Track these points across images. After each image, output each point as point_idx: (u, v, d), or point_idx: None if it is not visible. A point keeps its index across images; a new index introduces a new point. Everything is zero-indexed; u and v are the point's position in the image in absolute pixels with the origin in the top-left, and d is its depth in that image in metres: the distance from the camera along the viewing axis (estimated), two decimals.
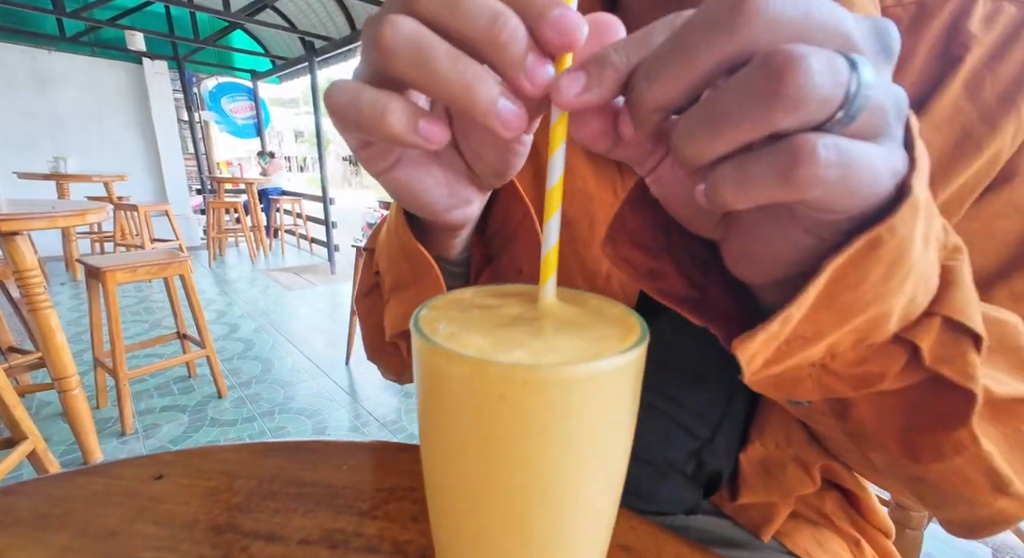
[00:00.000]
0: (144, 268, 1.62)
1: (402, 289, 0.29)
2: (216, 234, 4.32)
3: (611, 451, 0.15)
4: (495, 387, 0.13)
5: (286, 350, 2.41)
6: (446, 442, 0.15)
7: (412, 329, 0.15)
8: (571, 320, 0.16)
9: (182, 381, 2.03)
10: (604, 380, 0.13)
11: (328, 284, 3.76)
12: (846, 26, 0.12)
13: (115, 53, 4.43)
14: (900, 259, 0.14)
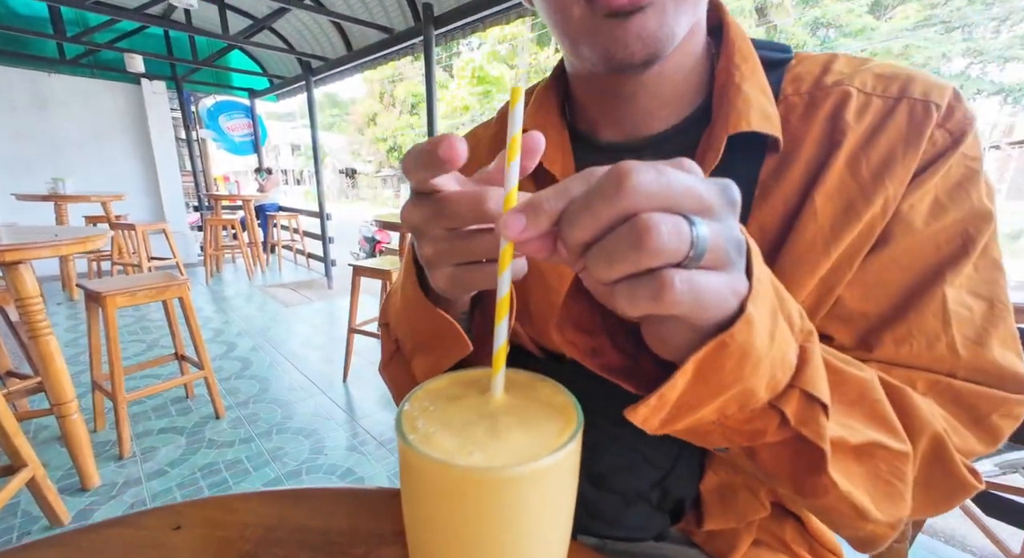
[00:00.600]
0: (144, 292, 1.64)
1: (429, 347, 0.34)
2: (213, 251, 4.35)
3: (557, 520, 0.19)
4: (457, 484, 0.17)
5: (284, 368, 2.42)
6: (421, 517, 0.19)
7: (396, 429, 0.19)
8: (520, 414, 0.20)
9: (180, 402, 2.04)
10: (544, 474, 0.17)
11: (325, 300, 3.78)
12: (697, 190, 0.17)
13: (114, 75, 4.49)
14: (746, 355, 0.19)
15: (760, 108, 0.33)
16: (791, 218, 0.33)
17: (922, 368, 0.31)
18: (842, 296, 0.33)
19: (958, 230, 0.31)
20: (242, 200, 4.58)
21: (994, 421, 0.30)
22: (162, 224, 3.67)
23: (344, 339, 2.63)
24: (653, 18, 0.29)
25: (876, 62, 0.35)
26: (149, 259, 3.82)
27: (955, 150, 0.31)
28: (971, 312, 0.31)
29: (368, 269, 2.06)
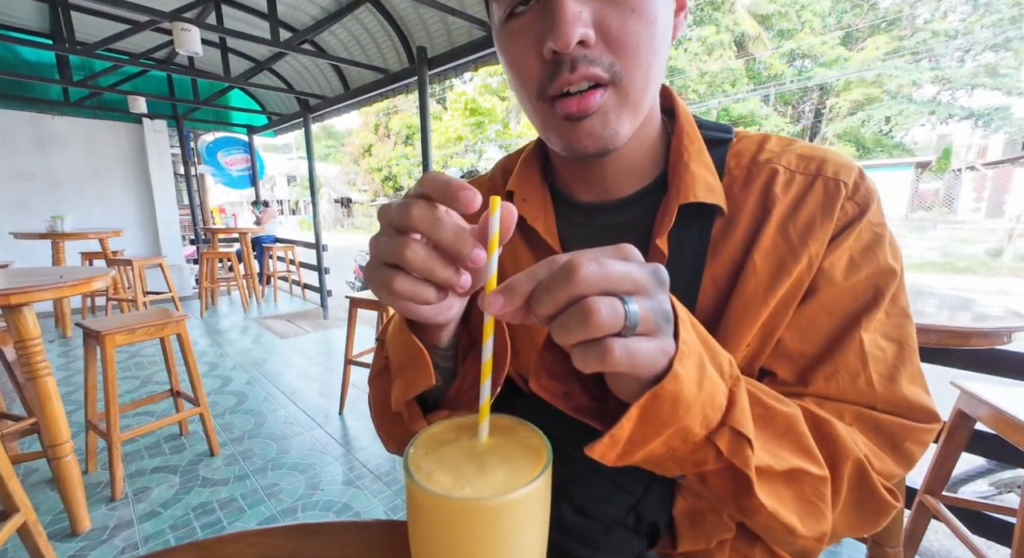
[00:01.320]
0: (142, 329, 1.66)
1: (405, 370, 0.38)
2: (209, 284, 4.36)
3: (534, 538, 0.23)
4: (452, 513, 0.22)
5: (279, 402, 2.41)
6: (424, 540, 0.23)
7: (403, 469, 0.23)
8: (501, 454, 0.25)
9: (173, 440, 2.02)
10: (520, 502, 0.22)
11: (321, 330, 3.78)
12: (631, 275, 0.22)
13: (117, 115, 4.61)
14: (677, 401, 0.24)
15: (704, 182, 0.39)
16: (737, 272, 0.39)
17: (849, 401, 0.36)
18: (782, 338, 0.38)
19: (870, 283, 0.37)
20: (239, 233, 4.63)
21: (908, 447, 0.36)
22: (159, 259, 3.70)
23: (340, 370, 2.63)
24: (598, 123, 0.35)
25: (799, 144, 0.42)
26: (145, 294, 3.83)
27: (862, 218, 0.38)
28: (884, 352, 0.37)
29: (365, 301, 2.10)
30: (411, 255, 0.26)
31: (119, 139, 4.73)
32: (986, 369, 1.21)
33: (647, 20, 0.34)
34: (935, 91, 15.98)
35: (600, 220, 0.44)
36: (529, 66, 0.35)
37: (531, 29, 0.34)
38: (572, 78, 0.34)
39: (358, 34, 3.35)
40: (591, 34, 0.33)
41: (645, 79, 0.35)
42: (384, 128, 20.55)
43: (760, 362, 0.39)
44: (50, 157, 4.35)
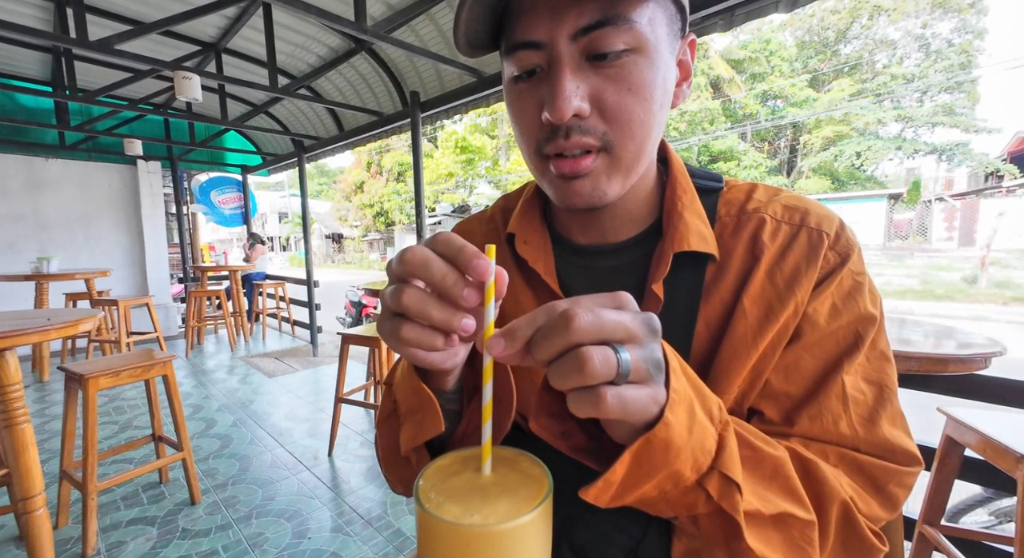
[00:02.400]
0: (127, 371, 1.62)
1: (414, 414, 0.39)
2: (195, 323, 4.29)
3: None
4: (462, 538, 0.23)
5: (265, 445, 2.33)
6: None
7: (415, 499, 0.25)
8: (505, 484, 0.27)
9: (152, 488, 1.93)
10: (524, 528, 0.24)
11: (310, 368, 3.71)
12: (624, 325, 0.24)
13: (111, 157, 4.68)
14: (668, 447, 0.26)
15: (697, 231, 0.42)
16: (728, 316, 0.41)
17: (832, 442, 0.38)
18: (769, 379, 0.40)
19: (851, 329, 0.39)
20: (229, 270, 4.61)
21: (891, 490, 0.37)
22: (145, 299, 3.65)
23: (330, 409, 2.57)
24: (588, 184, 0.38)
25: (784, 194, 0.45)
26: (129, 334, 3.75)
27: (843, 267, 0.40)
28: (864, 395, 0.38)
29: (356, 336, 2.08)
30: (407, 299, 0.27)
31: (112, 180, 4.77)
32: (968, 395, 1.23)
33: (642, 97, 0.35)
34: (899, 128, 16.98)
35: (598, 263, 0.46)
36: (529, 125, 0.38)
37: (534, 93, 0.37)
38: (566, 145, 0.36)
39: (353, 79, 3.51)
40: (586, 108, 0.35)
41: (638, 149, 0.37)
42: (376, 166, 21.00)
43: (748, 402, 0.41)
44: (41, 199, 4.36)
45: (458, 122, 18.40)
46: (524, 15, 0.35)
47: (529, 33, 0.35)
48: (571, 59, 0.34)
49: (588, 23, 0.33)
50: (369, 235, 23.76)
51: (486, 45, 0.39)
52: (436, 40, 2.75)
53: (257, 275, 5.21)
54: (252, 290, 5.08)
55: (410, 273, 0.27)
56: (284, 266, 21.64)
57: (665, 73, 0.37)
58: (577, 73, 0.35)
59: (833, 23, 18.43)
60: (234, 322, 4.51)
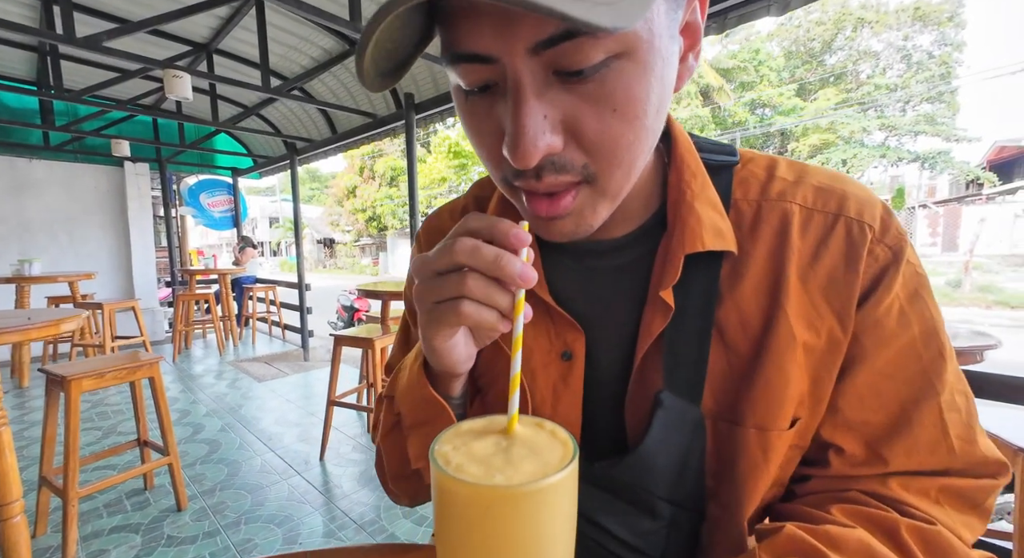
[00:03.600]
0: (112, 373, 1.58)
1: (423, 425, 0.38)
2: (183, 327, 4.20)
3: (564, 528, 0.23)
4: (484, 501, 0.21)
5: (255, 449, 2.27)
6: (454, 536, 0.23)
7: (431, 462, 0.23)
8: (532, 448, 0.25)
9: (137, 495, 1.86)
10: (550, 490, 0.22)
11: (301, 372, 3.64)
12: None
13: (98, 159, 4.59)
14: None
15: (712, 226, 0.35)
16: (754, 327, 0.35)
17: (927, 472, 0.34)
18: (840, 407, 0.35)
19: (929, 338, 0.34)
20: (218, 274, 4.54)
21: (987, 505, 0.34)
22: (131, 302, 3.56)
23: (321, 414, 2.51)
24: (571, 223, 0.32)
25: (815, 171, 0.37)
26: (114, 339, 3.66)
27: (899, 262, 0.33)
28: (959, 414, 0.34)
29: (350, 338, 2.05)
30: (472, 283, 0.27)
31: (99, 182, 4.68)
32: None
33: (632, 116, 0.27)
34: (883, 137, 17.37)
35: (591, 263, 0.40)
36: (490, 152, 0.30)
37: (491, 112, 0.29)
38: (539, 186, 0.29)
39: (346, 81, 3.49)
40: (558, 143, 0.27)
41: (627, 174, 0.30)
42: (369, 170, 20.94)
43: (811, 433, 0.36)
44: (24, 201, 4.25)
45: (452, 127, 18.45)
46: (461, 17, 0.26)
47: (473, 43, 0.26)
48: (533, 80, 0.26)
49: (553, 34, 0.24)
50: (361, 240, 23.63)
51: (405, 61, 0.30)
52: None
53: (247, 279, 5.13)
54: (242, 294, 5.00)
55: (461, 263, 0.28)
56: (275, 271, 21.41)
57: (664, 70, 0.28)
58: (543, 96, 0.26)
59: (819, 34, 18.86)
60: (223, 326, 4.43)
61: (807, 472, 0.37)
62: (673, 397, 0.35)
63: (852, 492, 0.34)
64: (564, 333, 0.39)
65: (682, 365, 0.35)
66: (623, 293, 0.39)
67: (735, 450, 0.35)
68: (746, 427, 0.35)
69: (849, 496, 0.34)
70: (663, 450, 0.35)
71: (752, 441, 0.35)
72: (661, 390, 0.35)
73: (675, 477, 0.36)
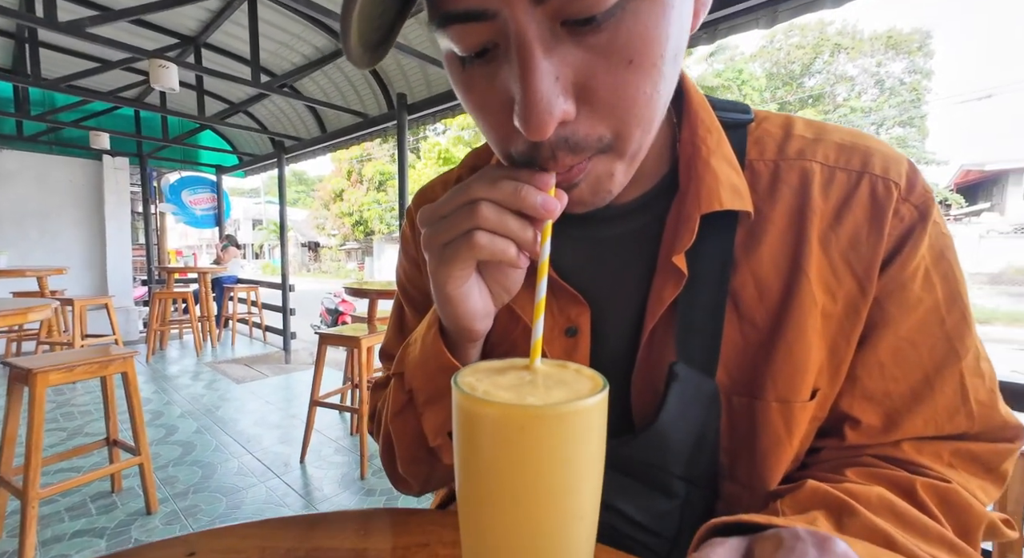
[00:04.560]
0: (83, 367, 1.50)
1: (440, 399, 0.35)
2: (159, 326, 4.05)
3: (594, 459, 0.22)
4: (517, 421, 0.20)
5: (232, 451, 2.19)
6: (482, 465, 0.21)
7: (455, 388, 0.22)
8: (559, 380, 0.23)
9: (103, 498, 1.76)
10: (584, 413, 0.20)
11: (282, 375, 3.54)
12: None
13: (75, 151, 4.45)
14: None
15: (730, 184, 0.33)
16: (771, 295, 0.33)
17: (946, 437, 0.33)
18: (860, 377, 0.33)
19: (953, 302, 0.32)
20: (198, 273, 4.41)
21: (1003, 469, 0.33)
22: (104, 299, 3.42)
23: (302, 416, 2.45)
24: (587, 189, 0.29)
25: (834, 128, 0.35)
26: (83, 337, 3.50)
27: (926, 222, 0.32)
28: (983, 379, 0.33)
29: (336, 336, 2.00)
30: (485, 211, 0.27)
31: (74, 175, 4.53)
32: None
33: (650, 65, 0.25)
34: None
35: (597, 232, 0.38)
36: (496, 127, 0.28)
37: (492, 81, 0.26)
38: (552, 166, 0.27)
39: (337, 80, 3.47)
40: (572, 110, 0.25)
41: (647, 131, 0.28)
42: (357, 174, 20.79)
43: (830, 403, 0.34)
44: None
45: (442, 134, 18.50)
46: None
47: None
48: (540, 34, 0.23)
49: None
50: (347, 244, 23.36)
51: (389, 31, 0.28)
52: (424, 41, 2.75)
53: (228, 279, 5.00)
54: (222, 294, 4.86)
55: (478, 197, 0.27)
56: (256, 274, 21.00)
57: (681, 7, 0.25)
58: (552, 53, 0.23)
59: (798, 57, 19.62)
60: (201, 327, 4.29)
61: (819, 444, 0.36)
62: (688, 369, 0.33)
63: (864, 457, 0.34)
64: (567, 308, 0.37)
65: (697, 335, 0.34)
66: (632, 262, 0.37)
67: (754, 426, 0.34)
68: (767, 401, 0.33)
69: (862, 461, 0.34)
70: (679, 426, 0.34)
71: (774, 415, 0.33)
72: (675, 362, 0.34)
73: (691, 453, 0.34)
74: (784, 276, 0.33)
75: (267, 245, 27.36)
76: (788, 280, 0.33)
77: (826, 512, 0.29)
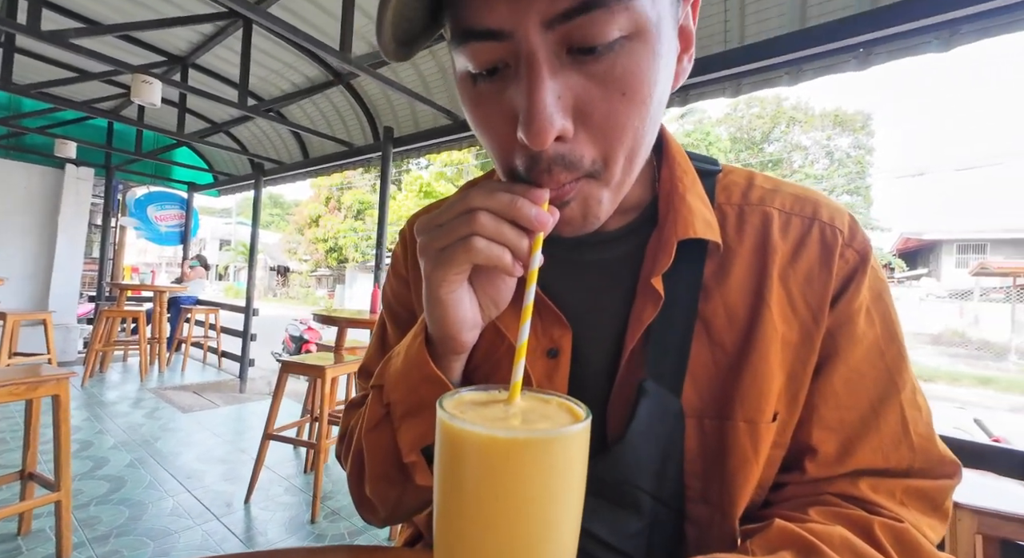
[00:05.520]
0: (7, 388, 1.36)
1: (419, 411, 0.35)
2: (101, 347, 3.75)
3: (576, 486, 0.22)
4: (503, 450, 0.21)
5: (167, 488, 1.98)
6: (465, 493, 0.22)
7: (443, 418, 0.21)
8: (539, 411, 0.24)
9: (6, 541, 1.55)
10: (566, 441, 0.21)
11: (235, 404, 3.31)
12: None
13: (35, 158, 4.25)
14: None
15: (703, 217, 0.36)
16: (738, 324, 0.36)
17: (892, 471, 0.35)
18: (818, 407, 0.36)
19: (891, 337, 0.36)
20: (154, 291, 4.17)
21: (946, 507, 0.36)
22: (43, 314, 3.17)
23: (252, 451, 2.27)
24: (577, 209, 0.31)
25: (788, 183, 0.41)
26: (12, 355, 3.20)
27: (866, 266, 0.36)
28: (920, 412, 0.36)
29: (298, 364, 1.90)
30: (483, 219, 0.28)
31: (30, 183, 4.30)
32: None
33: (639, 100, 0.28)
34: None
35: (584, 255, 0.41)
36: (500, 139, 0.31)
37: (500, 98, 0.29)
38: (547, 181, 0.30)
39: (326, 110, 3.52)
40: (569, 128, 0.28)
41: (631, 161, 0.31)
42: (336, 201, 20.66)
43: (790, 431, 0.36)
44: None
45: (425, 168, 18.82)
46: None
47: (485, 18, 0.26)
48: (548, 56, 0.26)
49: (569, 7, 0.25)
50: (319, 270, 22.76)
51: (419, 35, 0.31)
52: (415, 81, 2.86)
53: (187, 299, 4.74)
54: (178, 314, 4.59)
55: (476, 206, 0.29)
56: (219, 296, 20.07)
57: (668, 58, 0.30)
58: (557, 75, 0.27)
59: (759, 125, 21.44)
60: (150, 349, 4.00)
61: (784, 479, 0.37)
62: (656, 386, 0.35)
63: (825, 496, 0.35)
64: (551, 329, 0.38)
65: (667, 355, 0.36)
66: (614, 286, 0.39)
67: (724, 446, 0.35)
68: (735, 421, 0.35)
69: (823, 499, 0.35)
70: (648, 439, 0.35)
71: (742, 434, 0.35)
72: (645, 379, 0.35)
73: (658, 469, 0.36)
74: (750, 305, 0.36)
75: (233, 267, 26.35)
76: (753, 309, 0.36)
77: (793, 552, 0.30)
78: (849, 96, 60.23)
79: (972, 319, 11.74)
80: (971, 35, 1.36)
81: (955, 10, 1.30)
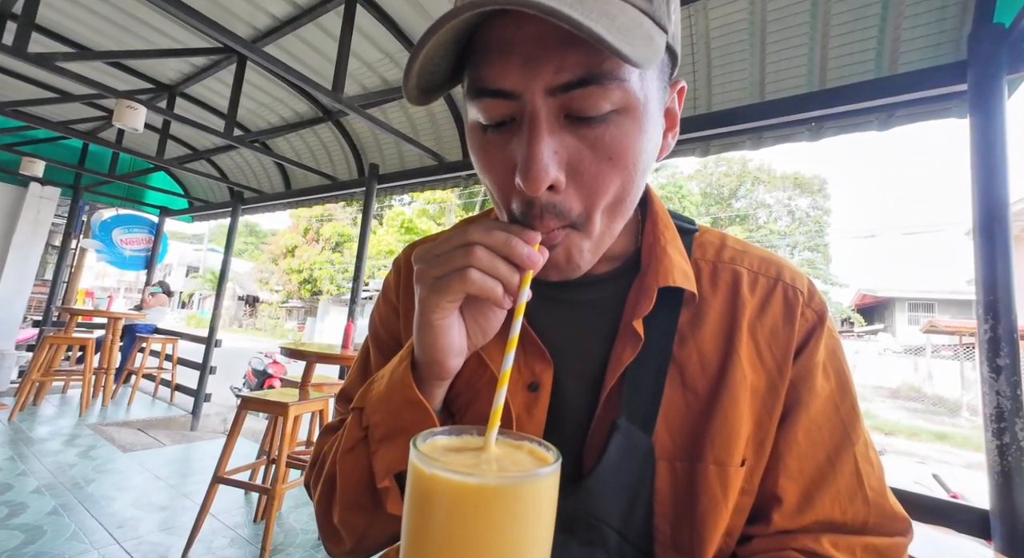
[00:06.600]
0: None
1: (399, 435, 0.36)
2: (39, 376, 3.46)
3: (545, 525, 0.24)
4: (475, 497, 0.22)
5: (94, 540, 1.77)
6: (433, 536, 0.22)
7: (416, 461, 0.22)
8: (511, 457, 0.26)
9: None
10: (536, 486, 0.22)
11: (183, 443, 3.06)
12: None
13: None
14: None
15: (681, 268, 0.40)
16: (709, 371, 0.39)
17: (849, 525, 0.37)
18: (782, 453, 0.38)
19: (844, 392, 0.39)
20: (107, 317, 3.93)
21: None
22: None
23: (198, 496, 2.09)
24: (563, 255, 0.34)
25: (755, 246, 0.45)
26: None
27: (823, 324, 0.40)
28: (872, 466, 0.38)
29: (260, 401, 1.80)
30: (480, 253, 0.30)
31: None
32: None
33: (623, 166, 0.32)
34: None
35: (569, 296, 0.43)
36: (501, 183, 0.34)
37: (504, 147, 0.33)
38: (539, 225, 0.33)
39: (312, 144, 3.57)
40: (562, 180, 0.31)
41: (611, 218, 0.35)
42: (314, 233, 20.44)
43: (758, 478, 0.38)
44: None
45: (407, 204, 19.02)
46: (494, 56, 0.30)
47: (500, 80, 0.30)
48: (549, 117, 0.30)
49: (569, 80, 0.29)
50: (290, 302, 22.05)
51: (440, 85, 0.34)
52: (403, 123, 2.96)
53: (144, 328, 4.48)
54: (132, 344, 4.31)
55: (474, 241, 0.31)
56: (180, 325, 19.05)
57: (653, 133, 0.34)
58: (555, 134, 0.31)
59: (727, 183, 22.94)
60: (95, 380, 3.71)
61: (750, 531, 0.38)
62: (629, 424, 0.37)
63: (789, 552, 0.36)
64: (533, 363, 0.40)
65: (641, 394, 0.38)
66: (596, 327, 0.42)
67: (695, 489, 0.37)
68: (706, 463, 0.37)
69: (788, 556, 0.36)
70: (618, 475, 0.36)
71: (712, 477, 0.36)
72: (618, 417, 0.37)
73: (626, 507, 0.37)
74: (721, 352, 0.39)
75: (198, 295, 25.27)
76: (724, 356, 0.39)
77: None
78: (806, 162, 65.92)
79: (926, 374, 12.26)
80: (905, 118, 1.54)
81: (890, 96, 1.47)
